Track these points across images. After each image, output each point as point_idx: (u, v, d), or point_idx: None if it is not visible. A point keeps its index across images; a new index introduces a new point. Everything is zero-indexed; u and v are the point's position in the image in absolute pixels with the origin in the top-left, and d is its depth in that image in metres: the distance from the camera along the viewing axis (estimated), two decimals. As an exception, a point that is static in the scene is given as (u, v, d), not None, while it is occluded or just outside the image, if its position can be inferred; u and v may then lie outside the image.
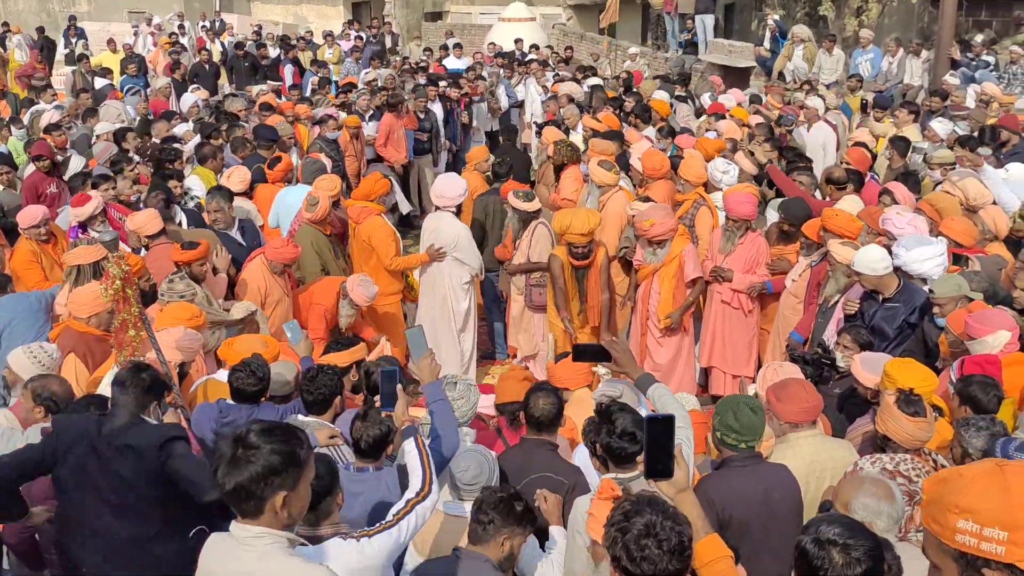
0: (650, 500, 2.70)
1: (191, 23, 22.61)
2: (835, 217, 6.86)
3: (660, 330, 7.61)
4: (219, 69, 18.03)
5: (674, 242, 7.46)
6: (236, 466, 2.74)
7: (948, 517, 2.03)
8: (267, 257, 7.09)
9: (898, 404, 4.11)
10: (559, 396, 4.66)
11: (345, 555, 3.29)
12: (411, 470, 3.73)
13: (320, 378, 4.76)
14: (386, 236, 8.02)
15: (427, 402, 4.35)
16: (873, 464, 4.06)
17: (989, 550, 1.97)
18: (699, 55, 18.47)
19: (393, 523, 3.45)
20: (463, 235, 8.16)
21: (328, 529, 3.50)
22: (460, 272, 8.20)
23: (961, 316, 5.36)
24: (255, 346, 5.45)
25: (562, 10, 27.26)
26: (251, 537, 2.80)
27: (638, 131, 11.24)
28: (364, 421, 4.20)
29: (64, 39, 21.22)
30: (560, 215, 7.57)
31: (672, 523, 2.64)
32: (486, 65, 18.16)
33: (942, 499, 2.06)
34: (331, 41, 19.99)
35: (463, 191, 8.32)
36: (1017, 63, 14.11)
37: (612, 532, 2.68)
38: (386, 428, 4.18)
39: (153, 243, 7.17)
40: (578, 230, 7.26)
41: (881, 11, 19.79)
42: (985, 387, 4.60)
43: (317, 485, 3.13)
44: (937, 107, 11.44)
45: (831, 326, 6.50)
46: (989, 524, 1.97)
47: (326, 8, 26.94)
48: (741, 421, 4.00)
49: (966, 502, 2.01)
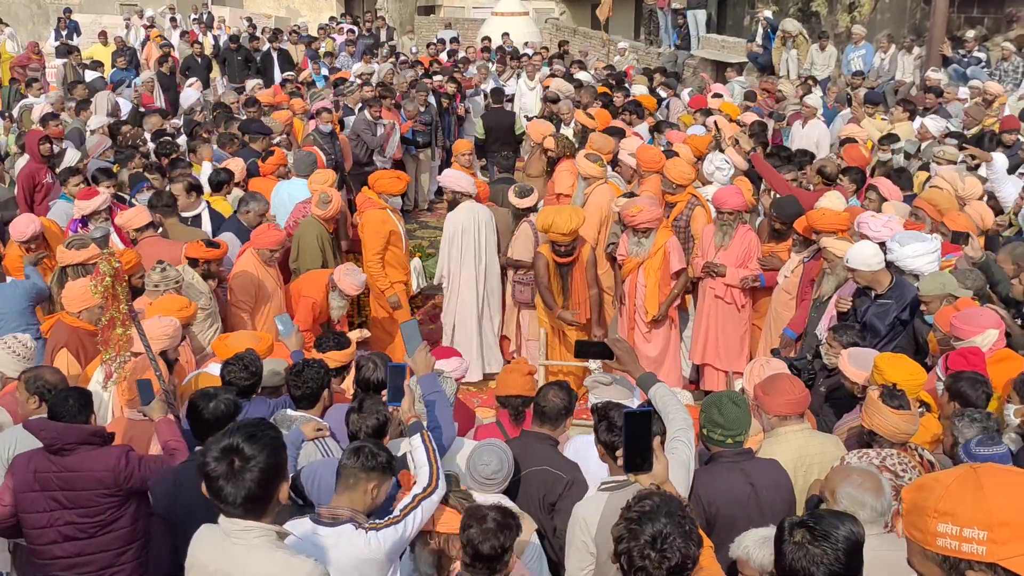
0: (670, 509, 2.64)
1: (183, 16, 22.52)
2: (822, 217, 6.91)
3: (647, 323, 7.64)
4: (211, 62, 17.96)
5: (658, 234, 7.50)
6: (239, 478, 2.79)
7: (928, 522, 2.05)
8: (255, 247, 7.11)
9: (882, 398, 4.15)
10: (570, 393, 4.67)
11: (355, 544, 3.40)
12: (418, 465, 3.76)
13: (307, 372, 4.74)
14: (373, 232, 8.04)
15: (423, 394, 4.35)
16: (860, 459, 4.09)
17: (970, 551, 1.99)
18: (691, 50, 18.47)
19: (400, 518, 3.52)
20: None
21: (345, 512, 3.52)
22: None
23: (948, 314, 5.40)
24: (248, 341, 5.45)
25: (555, 4, 27.24)
26: (240, 530, 2.85)
27: (632, 127, 11.23)
28: (360, 413, 4.21)
29: (55, 31, 21.12)
30: (544, 213, 7.57)
31: (683, 541, 2.59)
32: (476, 59, 18.17)
33: (921, 506, 2.08)
34: (324, 34, 19.94)
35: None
36: (1009, 60, 14.16)
37: (622, 527, 2.64)
38: (383, 418, 4.21)
39: (141, 236, 7.18)
40: (561, 228, 7.26)
41: (873, 7, 19.78)
42: (974, 383, 4.64)
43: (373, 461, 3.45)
44: (931, 104, 11.47)
45: (823, 322, 6.53)
46: (968, 525, 1.98)
47: (318, 1, 26.87)
48: (725, 415, 4.02)
49: (944, 505, 2.02)
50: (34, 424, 4.30)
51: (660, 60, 18.86)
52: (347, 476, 3.57)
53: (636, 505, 2.67)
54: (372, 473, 3.56)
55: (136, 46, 19.25)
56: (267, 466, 2.81)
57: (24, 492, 4.18)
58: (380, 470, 3.58)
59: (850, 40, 16.34)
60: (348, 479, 3.57)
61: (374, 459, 3.56)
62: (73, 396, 4.39)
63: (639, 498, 2.69)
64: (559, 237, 7.31)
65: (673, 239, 7.60)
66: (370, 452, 3.58)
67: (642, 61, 19.49)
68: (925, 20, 17.54)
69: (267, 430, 2.94)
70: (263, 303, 7.06)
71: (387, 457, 3.64)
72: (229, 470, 2.78)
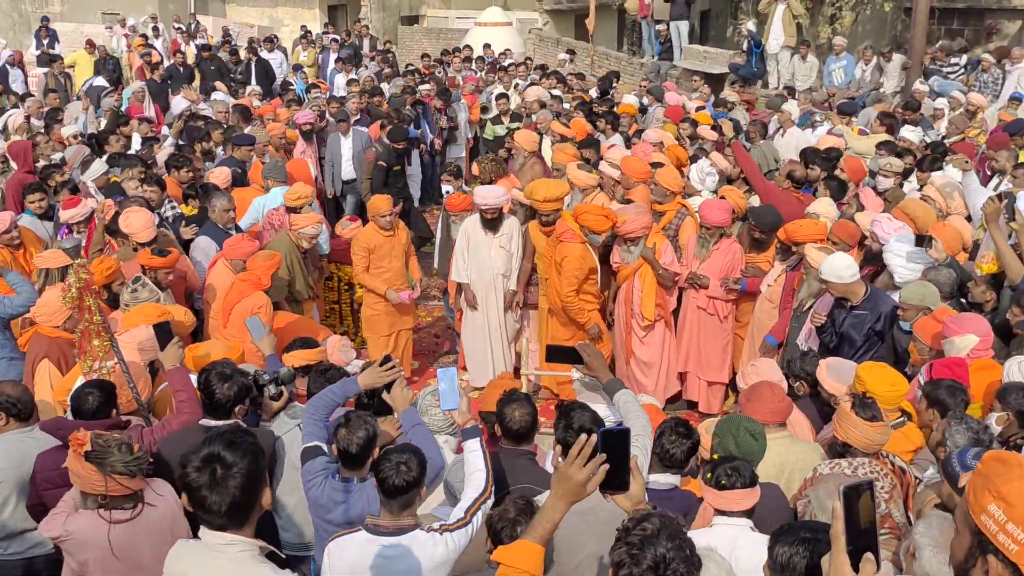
0: (672, 533, 2.56)
1: (165, 25, 22.42)
2: (799, 229, 6.95)
3: (643, 328, 7.69)
4: (193, 72, 17.86)
5: (650, 238, 7.58)
6: (222, 486, 2.76)
7: (984, 496, 2.03)
8: (227, 257, 7.07)
9: (854, 409, 4.15)
10: (533, 404, 4.57)
11: (431, 547, 3.48)
12: (474, 469, 3.80)
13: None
14: (358, 248, 8.11)
15: (404, 428, 4.38)
16: (832, 469, 4.09)
17: (1004, 543, 1.97)
18: (674, 61, 18.54)
19: (467, 520, 3.61)
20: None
21: (409, 520, 3.58)
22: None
23: (928, 324, 5.43)
24: (218, 350, 5.43)
25: (538, 15, 27.28)
26: (223, 544, 2.82)
27: (606, 137, 11.26)
28: (347, 427, 4.19)
29: (36, 40, 20.98)
30: (530, 184, 7.77)
31: (685, 567, 2.52)
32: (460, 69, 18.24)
33: (989, 477, 2.06)
34: (306, 44, 19.89)
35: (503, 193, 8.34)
36: (988, 71, 14.27)
37: (623, 552, 2.56)
38: (372, 431, 4.20)
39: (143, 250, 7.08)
40: (543, 196, 7.45)
41: (855, 19, 19.96)
42: (953, 391, 4.66)
43: (407, 475, 3.47)
44: (911, 118, 11.55)
45: (807, 335, 6.56)
46: (1015, 520, 1.96)
47: (302, 11, 26.79)
48: (741, 448, 4.02)
49: (1006, 490, 2.00)
50: (49, 425, 4.55)
51: (643, 71, 18.92)
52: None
53: (636, 528, 2.58)
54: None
55: (119, 55, 19.15)
56: (249, 472, 2.78)
57: (47, 490, 4.29)
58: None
59: (831, 51, 16.44)
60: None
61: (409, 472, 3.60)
62: (93, 393, 4.54)
63: (638, 521, 2.61)
64: (542, 205, 7.54)
65: (666, 242, 7.71)
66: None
67: (625, 71, 19.55)
68: (906, 32, 17.71)
69: (245, 436, 2.92)
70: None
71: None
72: (212, 479, 2.74)
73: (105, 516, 3.77)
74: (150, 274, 6.42)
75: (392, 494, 3.56)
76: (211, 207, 7.97)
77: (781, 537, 2.75)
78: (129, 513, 3.83)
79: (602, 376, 4.05)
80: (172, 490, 3.97)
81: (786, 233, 7.04)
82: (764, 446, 4.11)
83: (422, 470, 3.62)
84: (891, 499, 3.97)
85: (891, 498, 3.97)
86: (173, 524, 3.92)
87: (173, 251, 6.73)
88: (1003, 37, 18.65)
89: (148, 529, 3.86)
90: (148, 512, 3.88)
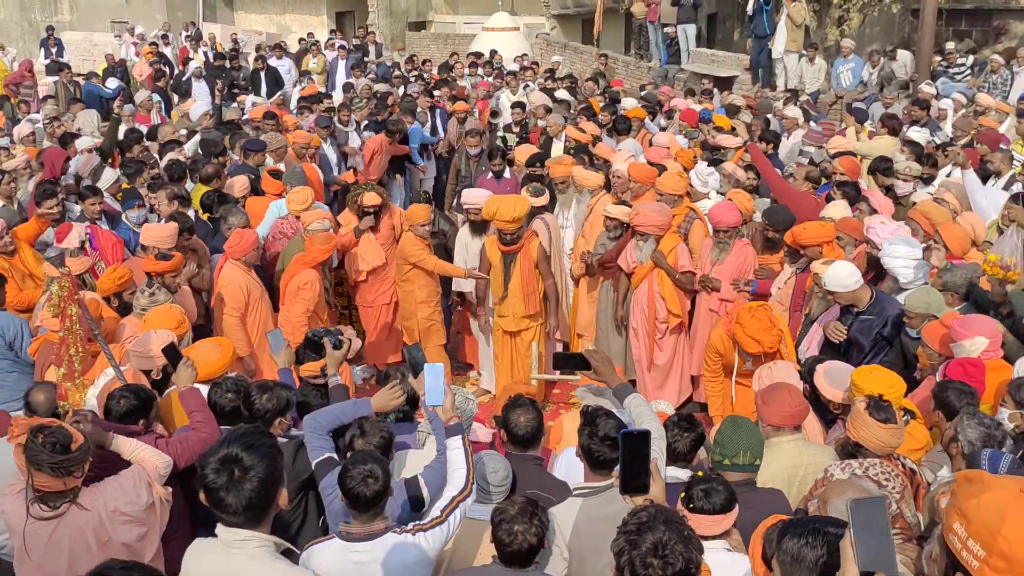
0: (667, 518, 2.61)
1: (174, 33, 22.53)
2: (804, 232, 6.92)
3: (670, 330, 7.75)
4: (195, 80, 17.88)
5: (667, 239, 7.62)
6: (239, 488, 2.81)
7: (951, 515, 2.08)
8: (233, 257, 7.15)
9: (869, 411, 4.13)
10: (538, 409, 4.57)
11: (404, 549, 3.47)
12: (456, 467, 3.78)
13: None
14: (416, 251, 8.11)
15: (439, 447, 4.16)
16: (843, 470, 4.08)
17: (967, 560, 2.01)
18: (681, 64, 18.55)
19: (443, 519, 3.59)
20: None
21: (381, 524, 3.58)
22: None
23: (936, 329, 5.40)
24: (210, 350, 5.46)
25: (545, 20, 27.33)
26: (239, 540, 2.88)
27: (616, 143, 11.23)
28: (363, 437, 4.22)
29: (44, 49, 21.11)
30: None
31: (683, 547, 2.54)
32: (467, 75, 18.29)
33: (956, 495, 2.10)
34: (316, 51, 19.95)
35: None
36: (997, 72, 14.24)
37: (621, 541, 2.60)
38: (388, 436, 4.25)
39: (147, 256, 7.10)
40: (504, 216, 7.54)
41: (862, 21, 19.93)
42: (960, 394, 4.63)
43: (374, 486, 3.45)
44: (917, 115, 11.51)
45: (810, 344, 6.50)
46: (974, 537, 2.00)
47: (310, 18, 26.93)
48: (723, 435, 4.04)
49: (967, 507, 2.04)
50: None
51: (650, 75, 18.94)
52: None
53: (632, 519, 2.63)
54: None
55: (128, 63, 19.23)
56: (266, 475, 2.84)
57: None
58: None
59: (839, 53, 16.42)
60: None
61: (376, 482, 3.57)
62: (127, 397, 4.52)
63: (634, 512, 2.66)
64: (503, 225, 7.61)
65: (682, 244, 7.73)
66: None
67: (632, 75, 19.57)
68: (914, 33, 17.68)
69: (264, 439, 2.95)
70: (252, 308, 7.16)
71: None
72: (229, 481, 2.80)
73: (27, 507, 3.67)
74: (157, 278, 6.51)
75: (362, 506, 3.53)
76: (226, 223, 7.96)
77: (790, 530, 2.76)
78: (51, 512, 3.69)
79: (611, 381, 4.05)
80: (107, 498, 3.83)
81: (792, 236, 7.01)
82: (747, 434, 4.08)
83: (387, 476, 3.58)
84: (903, 499, 3.96)
85: (903, 498, 3.97)
86: (99, 532, 3.77)
87: (176, 255, 6.78)
88: (1011, 38, 18.64)
89: (71, 533, 3.72)
90: (75, 515, 3.74)
